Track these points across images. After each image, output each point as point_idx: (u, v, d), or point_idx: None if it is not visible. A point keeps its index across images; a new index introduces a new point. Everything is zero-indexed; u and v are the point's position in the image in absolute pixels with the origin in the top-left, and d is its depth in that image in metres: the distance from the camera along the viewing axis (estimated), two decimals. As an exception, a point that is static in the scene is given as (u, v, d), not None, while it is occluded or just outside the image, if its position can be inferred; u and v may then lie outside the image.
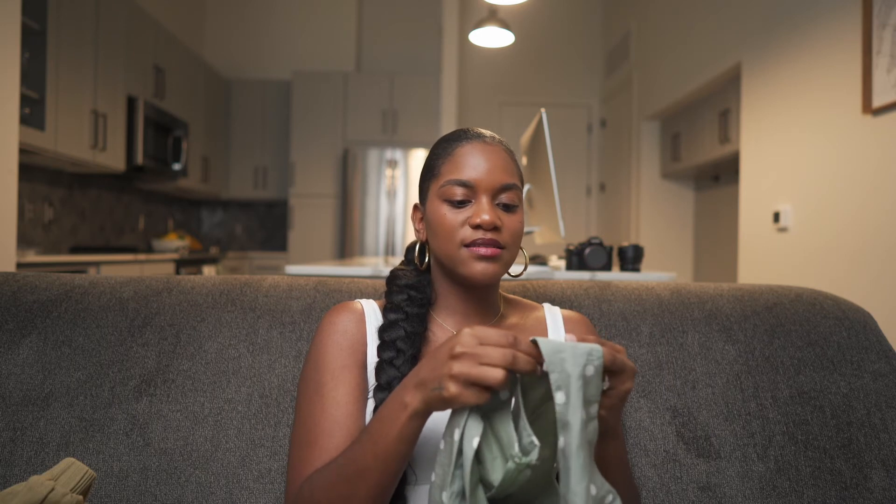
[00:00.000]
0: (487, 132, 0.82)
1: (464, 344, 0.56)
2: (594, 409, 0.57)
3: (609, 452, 0.68)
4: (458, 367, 0.55)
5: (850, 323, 1.02)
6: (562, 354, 0.55)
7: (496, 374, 0.54)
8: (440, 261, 0.81)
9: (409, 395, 0.60)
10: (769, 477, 0.89)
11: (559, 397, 0.55)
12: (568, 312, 0.89)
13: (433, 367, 0.58)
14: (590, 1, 5.88)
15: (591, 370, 0.56)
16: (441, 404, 0.57)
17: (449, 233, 0.76)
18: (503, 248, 0.76)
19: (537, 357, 0.56)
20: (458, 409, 0.58)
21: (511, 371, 0.56)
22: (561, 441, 0.54)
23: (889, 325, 2.10)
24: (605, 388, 0.58)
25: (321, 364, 0.77)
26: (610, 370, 0.58)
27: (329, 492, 0.65)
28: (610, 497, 0.57)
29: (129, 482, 0.85)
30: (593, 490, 0.55)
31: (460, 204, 0.77)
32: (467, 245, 0.76)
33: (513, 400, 0.59)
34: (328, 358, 0.77)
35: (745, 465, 0.90)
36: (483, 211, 0.75)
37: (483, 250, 0.75)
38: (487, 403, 0.58)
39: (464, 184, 0.76)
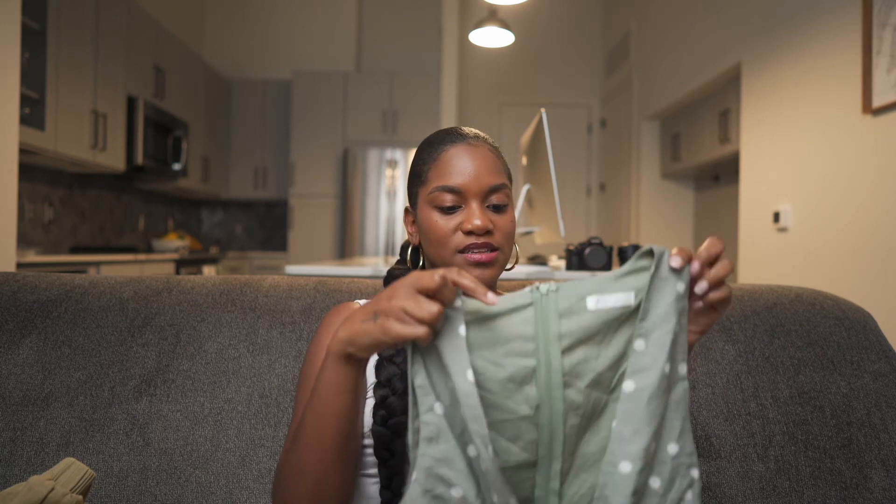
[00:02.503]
0: (471, 131, 0.81)
1: (406, 278, 0.55)
2: (682, 367, 0.56)
3: None
4: (396, 300, 0.54)
5: (850, 323, 1.02)
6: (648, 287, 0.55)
7: (428, 308, 0.52)
8: (434, 265, 0.81)
9: (333, 339, 0.59)
10: (769, 477, 0.89)
11: (639, 344, 0.55)
12: None
13: (371, 302, 0.57)
14: (590, 1, 5.88)
15: (681, 287, 0.56)
16: (376, 340, 0.55)
17: (442, 239, 0.76)
18: (497, 249, 0.76)
19: (482, 294, 0.55)
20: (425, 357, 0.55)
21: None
22: (631, 385, 0.54)
23: (889, 325, 2.10)
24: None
25: (321, 361, 0.77)
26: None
27: (282, 461, 0.65)
28: (695, 472, 0.55)
29: (129, 482, 0.84)
30: (673, 450, 0.54)
31: (450, 210, 0.76)
32: (461, 251, 0.75)
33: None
34: None
35: (745, 465, 0.90)
36: (474, 216, 0.75)
37: (478, 256, 0.75)
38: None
39: (452, 190, 0.76)
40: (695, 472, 0.55)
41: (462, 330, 0.53)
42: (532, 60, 5.81)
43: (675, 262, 0.56)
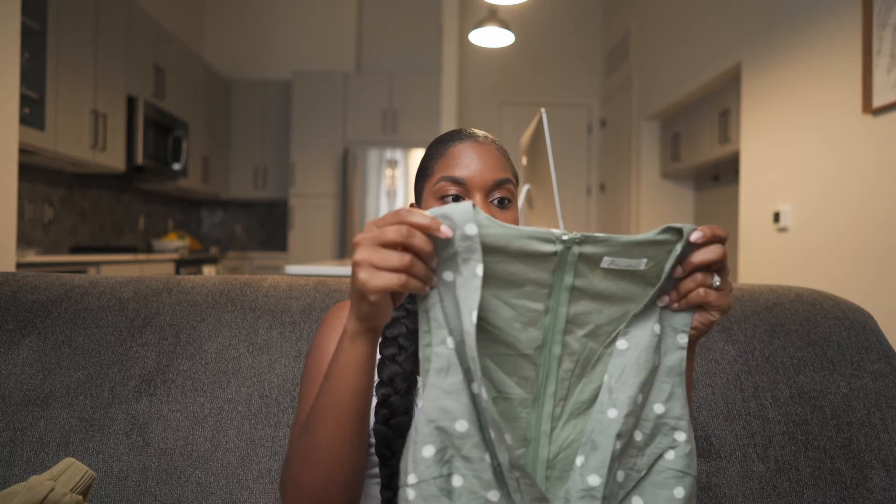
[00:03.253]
0: (480, 132, 0.82)
1: (363, 232, 0.55)
2: (682, 338, 0.59)
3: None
4: (359, 254, 0.54)
5: (850, 323, 1.02)
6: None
7: (398, 256, 0.52)
8: None
9: (346, 322, 0.60)
10: (769, 477, 0.89)
11: (636, 308, 0.58)
12: None
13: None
14: (590, 1, 5.88)
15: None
16: (360, 302, 0.55)
17: None
18: None
19: (432, 227, 0.54)
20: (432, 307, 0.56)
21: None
22: (624, 344, 0.58)
23: (889, 325, 2.10)
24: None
25: (328, 352, 0.76)
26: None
27: (292, 451, 0.64)
28: (679, 436, 0.58)
29: (129, 482, 0.84)
30: (659, 409, 0.58)
31: (454, 201, 0.77)
32: None
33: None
34: (335, 347, 0.77)
35: (745, 465, 0.90)
36: None
37: None
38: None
39: (456, 180, 0.76)
40: (680, 436, 0.58)
41: (479, 270, 0.54)
42: (532, 60, 5.81)
43: (696, 235, 0.57)
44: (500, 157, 0.80)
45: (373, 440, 0.73)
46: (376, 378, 0.76)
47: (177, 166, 4.39)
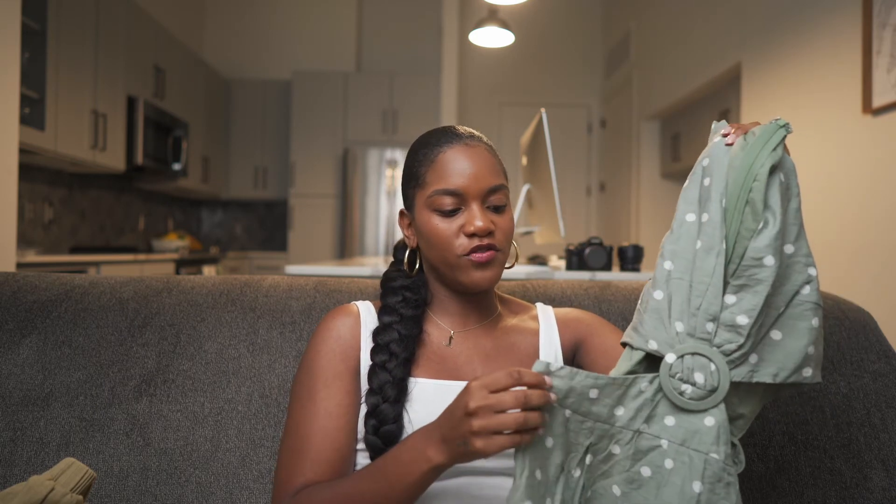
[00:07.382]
0: (466, 131, 0.80)
1: (475, 399, 0.57)
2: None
3: None
4: (478, 423, 0.56)
5: (850, 323, 1.02)
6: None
7: (514, 418, 0.55)
8: (435, 268, 0.80)
9: (432, 450, 0.60)
10: (769, 477, 0.89)
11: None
12: (561, 312, 0.88)
13: (451, 425, 0.59)
14: (590, 1, 5.88)
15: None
16: (469, 457, 0.59)
17: (444, 243, 0.76)
18: (499, 250, 0.76)
19: (543, 383, 0.59)
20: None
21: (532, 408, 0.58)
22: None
23: (889, 325, 2.10)
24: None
25: (315, 370, 0.76)
26: None
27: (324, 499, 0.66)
28: (812, 270, 0.64)
29: (129, 482, 0.85)
30: (789, 249, 0.62)
31: (451, 213, 0.76)
32: (465, 254, 0.75)
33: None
34: (321, 364, 0.76)
35: (745, 465, 0.90)
36: (476, 218, 0.74)
37: (480, 256, 0.75)
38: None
39: (452, 192, 0.75)
40: (812, 271, 0.63)
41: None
42: (532, 60, 5.80)
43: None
44: (491, 158, 0.78)
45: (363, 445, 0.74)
46: (365, 386, 0.75)
47: (177, 166, 4.39)
